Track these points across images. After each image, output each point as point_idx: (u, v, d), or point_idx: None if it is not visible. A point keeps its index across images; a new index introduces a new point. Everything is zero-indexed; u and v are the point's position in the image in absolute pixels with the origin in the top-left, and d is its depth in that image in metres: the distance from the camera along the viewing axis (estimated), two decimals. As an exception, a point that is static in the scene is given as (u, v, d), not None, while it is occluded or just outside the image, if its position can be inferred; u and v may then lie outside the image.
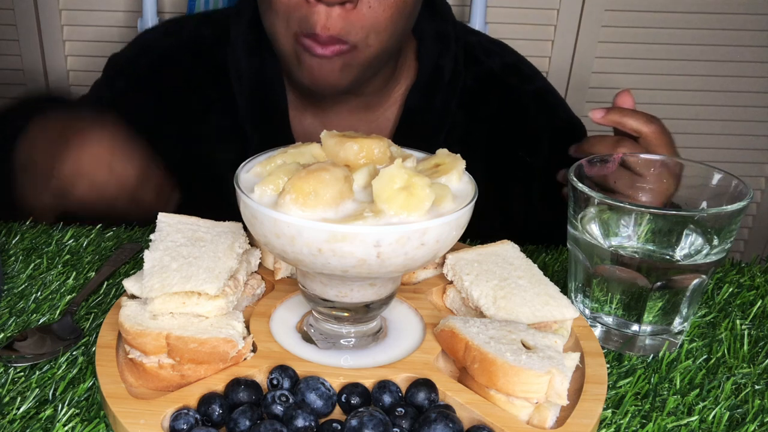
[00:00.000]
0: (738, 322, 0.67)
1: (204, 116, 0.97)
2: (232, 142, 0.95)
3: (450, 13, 0.98)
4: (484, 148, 0.97)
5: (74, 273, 0.71)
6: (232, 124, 0.95)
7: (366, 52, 0.81)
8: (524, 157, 0.98)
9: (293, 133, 0.95)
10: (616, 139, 0.75)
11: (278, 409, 0.49)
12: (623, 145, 0.74)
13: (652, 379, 0.59)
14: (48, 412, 0.52)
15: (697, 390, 0.58)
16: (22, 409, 0.52)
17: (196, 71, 0.98)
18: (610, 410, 0.55)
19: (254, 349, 0.55)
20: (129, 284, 0.57)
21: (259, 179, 0.52)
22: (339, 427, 0.48)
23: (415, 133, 0.94)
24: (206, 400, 0.50)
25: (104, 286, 0.69)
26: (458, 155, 0.56)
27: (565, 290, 0.63)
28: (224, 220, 0.65)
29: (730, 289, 0.73)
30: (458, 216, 0.49)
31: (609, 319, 0.62)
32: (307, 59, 0.81)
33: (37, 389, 0.54)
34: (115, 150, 0.76)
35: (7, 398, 0.54)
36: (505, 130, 0.98)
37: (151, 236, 0.60)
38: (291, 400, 0.50)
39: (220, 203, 0.66)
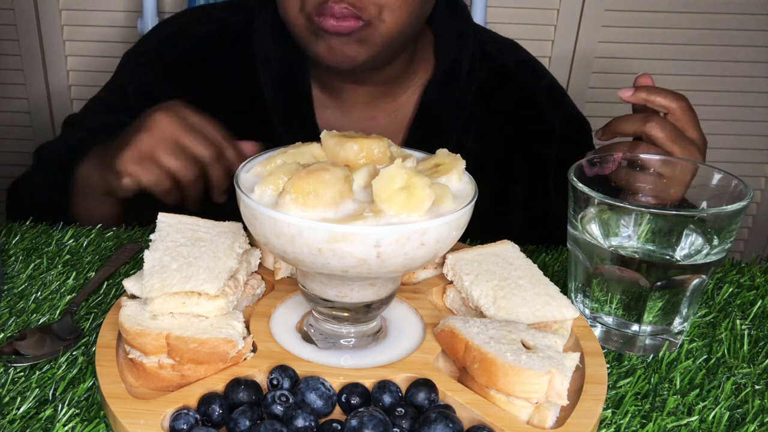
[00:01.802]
0: (738, 322, 0.67)
1: (234, 109, 0.96)
2: (260, 136, 0.94)
3: (467, 11, 1.00)
4: (499, 141, 0.99)
5: (74, 273, 0.71)
6: (260, 117, 0.95)
7: (381, 28, 0.82)
8: (540, 150, 1.00)
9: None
10: (643, 116, 0.76)
11: (278, 409, 0.49)
12: (652, 120, 0.74)
13: (652, 379, 0.59)
14: (48, 412, 0.52)
15: (697, 390, 0.58)
16: (22, 409, 0.52)
17: (227, 62, 0.97)
18: (610, 410, 0.55)
19: (254, 349, 0.55)
20: (129, 284, 0.57)
21: (259, 179, 0.52)
22: (339, 427, 0.48)
23: (432, 125, 0.96)
24: (206, 400, 0.50)
25: (104, 286, 0.69)
26: (458, 155, 0.56)
27: (565, 290, 0.63)
28: (224, 220, 0.65)
29: (730, 289, 0.73)
30: (458, 216, 0.49)
31: (609, 319, 0.62)
32: (323, 35, 0.81)
33: (37, 389, 0.54)
34: (188, 119, 0.78)
35: (7, 398, 0.54)
36: (520, 124, 1.00)
37: (151, 236, 0.60)
38: (291, 400, 0.50)
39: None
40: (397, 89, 0.97)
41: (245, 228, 0.61)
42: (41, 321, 0.63)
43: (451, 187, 0.53)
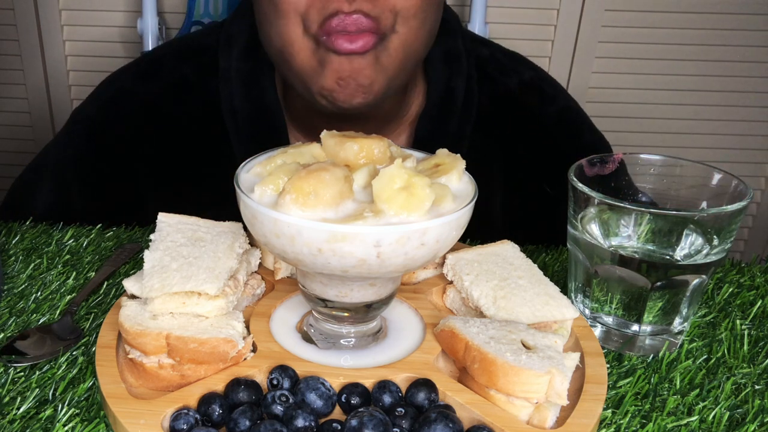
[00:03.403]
0: (738, 322, 0.67)
1: (195, 168, 0.87)
2: (230, 193, 0.89)
3: (458, 23, 0.90)
4: (503, 175, 0.91)
5: (74, 273, 0.71)
6: (228, 168, 0.86)
7: (395, 42, 0.73)
8: (547, 189, 0.89)
9: None
10: None
11: (278, 409, 0.49)
12: None
13: (652, 379, 0.59)
14: (48, 412, 0.52)
15: (697, 390, 0.58)
16: (22, 409, 0.52)
17: (184, 118, 0.87)
18: (610, 410, 0.55)
19: (254, 349, 0.55)
20: (129, 284, 0.57)
21: (259, 179, 0.52)
22: (339, 427, 0.48)
23: None
24: (206, 400, 0.50)
25: (104, 286, 0.69)
26: (458, 155, 0.56)
27: (565, 290, 0.63)
28: (224, 220, 0.65)
29: (730, 289, 0.73)
30: (458, 216, 0.49)
31: (609, 319, 0.62)
32: (334, 62, 0.71)
33: (37, 389, 0.54)
34: None
35: (7, 398, 0.54)
36: (526, 156, 0.91)
37: (151, 236, 0.60)
38: (291, 400, 0.50)
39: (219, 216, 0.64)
40: (388, 127, 0.86)
41: (245, 228, 0.61)
42: (41, 321, 0.63)
43: (451, 187, 0.53)
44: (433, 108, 0.86)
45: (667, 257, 0.60)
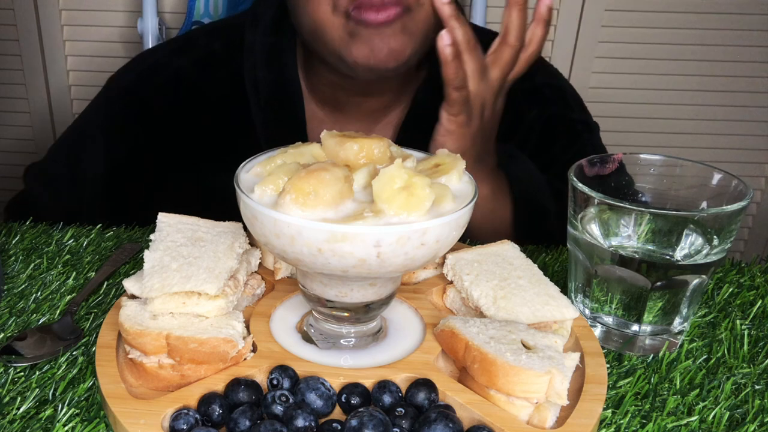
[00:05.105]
0: (738, 322, 0.67)
1: (219, 136, 0.94)
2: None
3: (460, 10, 0.98)
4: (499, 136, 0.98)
5: (74, 273, 0.71)
6: (247, 143, 0.90)
7: (421, 13, 0.80)
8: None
9: None
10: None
11: (278, 409, 0.49)
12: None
13: (652, 379, 0.59)
14: (48, 412, 0.52)
15: (697, 390, 0.58)
16: (22, 409, 0.52)
17: (212, 90, 0.94)
18: (610, 410, 0.55)
19: (254, 349, 0.55)
20: (129, 284, 0.57)
21: (259, 179, 0.52)
22: (339, 427, 0.48)
23: (423, 126, 0.92)
24: (206, 400, 0.50)
25: (104, 286, 0.69)
26: (458, 155, 0.56)
27: (565, 290, 0.63)
28: (224, 220, 0.65)
29: (730, 289, 0.73)
30: (458, 216, 0.49)
31: (609, 319, 0.62)
32: (363, 33, 0.78)
33: (37, 389, 0.54)
34: None
35: (7, 398, 0.54)
36: (516, 124, 0.98)
37: (151, 236, 0.60)
38: (291, 400, 0.50)
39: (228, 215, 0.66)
40: (396, 100, 0.94)
41: (245, 228, 0.61)
42: (41, 321, 0.63)
43: (451, 187, 0.53)
44: (434, 80, 0.92)
45: (667, 257, 0.60)
